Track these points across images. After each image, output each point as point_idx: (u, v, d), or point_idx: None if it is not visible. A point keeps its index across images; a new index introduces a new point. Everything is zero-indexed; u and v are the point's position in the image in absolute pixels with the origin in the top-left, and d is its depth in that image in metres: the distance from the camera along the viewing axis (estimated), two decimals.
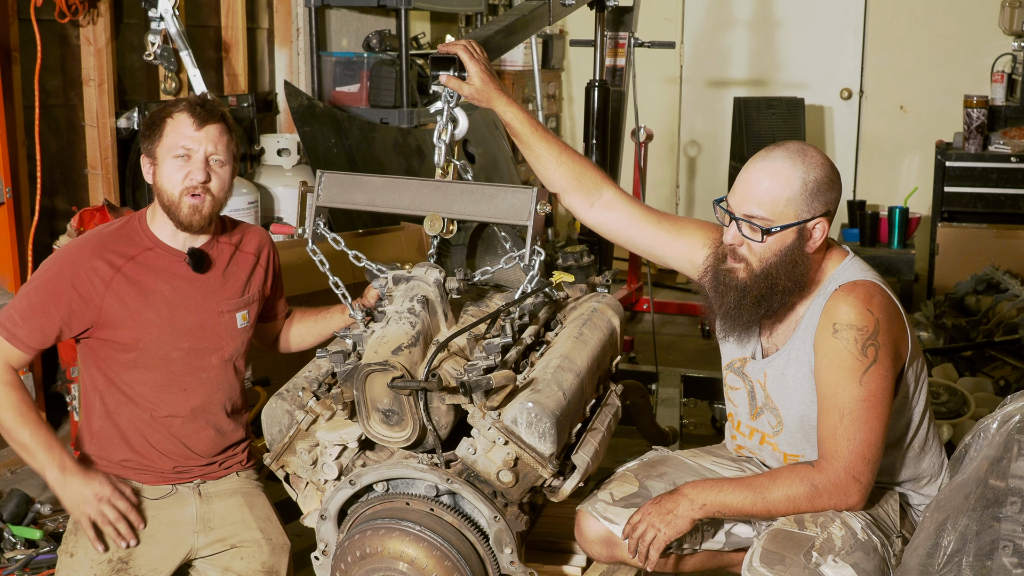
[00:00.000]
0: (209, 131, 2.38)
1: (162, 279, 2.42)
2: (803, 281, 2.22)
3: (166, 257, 2.44)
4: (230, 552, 2.47)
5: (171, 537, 2.43)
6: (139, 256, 2.42)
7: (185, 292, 2.44)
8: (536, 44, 6.43)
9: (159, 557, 2.41)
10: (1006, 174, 5.79)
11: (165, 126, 2.38)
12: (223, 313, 2.49)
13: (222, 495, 2.51)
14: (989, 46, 6.50)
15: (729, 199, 2.24)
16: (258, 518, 2.50)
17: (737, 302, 2.23)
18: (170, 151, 2.37)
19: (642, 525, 2.20)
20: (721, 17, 7.21)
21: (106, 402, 2.44)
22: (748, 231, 2.19)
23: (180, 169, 2.37)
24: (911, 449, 2.33)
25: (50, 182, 4.03)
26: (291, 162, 4.89)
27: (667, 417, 3.95)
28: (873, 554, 2.12)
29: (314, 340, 2.73)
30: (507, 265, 2.39)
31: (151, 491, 2.45)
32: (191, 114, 2.37)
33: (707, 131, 7.35)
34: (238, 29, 4.98)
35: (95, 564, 2.36)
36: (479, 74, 2.42)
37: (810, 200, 2.17)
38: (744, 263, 2.22)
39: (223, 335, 2.49)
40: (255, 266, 2.57)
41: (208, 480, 2.51)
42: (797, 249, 2.19)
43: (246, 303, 2.53)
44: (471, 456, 2.13)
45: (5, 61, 3.78)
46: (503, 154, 5.95)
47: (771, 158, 2.19)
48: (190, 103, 2.39)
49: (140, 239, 2.43)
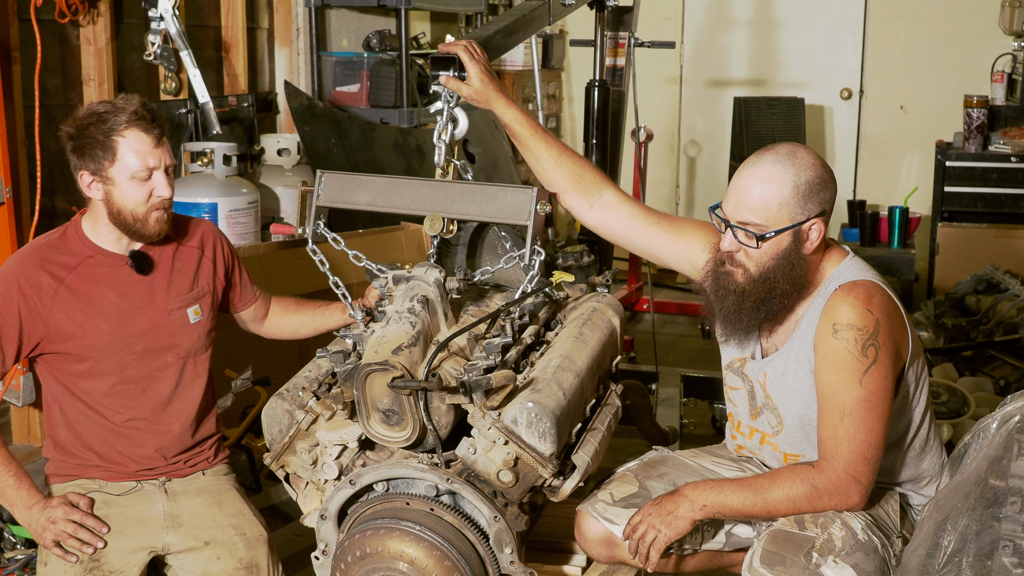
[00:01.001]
0: (164, 142, 2.34)
1: (106, 285, 2.40)
2: (802, 283, 2.22)
3: (107, 263, 2.41)
4: (206, 552, 2.46)
5: (139, 532, 2.43)
6: (80, 266, 2.38)
7: (131, 295, 2.42)
8: (536, 44, 6.43)
9: (129, 550, 2.40)
10: (1006, 174, 5.79)
11: (117, 146, 2.29)
12: (172, 311, 2.47)
13: (189, 494, 2.50)
14: (989, 46, 6.50)
15: (723, 206, 2.23)
16: (228, 515, 2.50)
17: (736, 306, 2.23)
18: (129, 172, 2.30)
19: (642, 526, 2.20)
20: (721, 17, 7.21)
21: (66, 412, 2.44)
22: (744, 237, 2.19)
23: (142, 187, 2.32)
24: (912, 449, 2.33)
25: (50, 182, 4.02)
26: (291, 162, 4.89)
27: (667, 417, 3.95)
28: (873, 554, 2.12)
29: (309, 333, 2.72)
30: (507, 265, 2.40)
31: (114, 487, 2.45)
32: (145, 131, 2.30)
33: (707, 131, 7.35)
34: (238, 29, 4.97)
35: (67, 569, 2.37)
36: (479, 75, 2.41)
37: (803, 202, 2.16)
38: (742, 268, 2.22)
39: (176, 333, 2.47)
40: (201, 259, 2.54)
41: (174, 478, 2.50)
42: (794, 252, 2.19)
43: (196, 297, 2.51)
44: (471, 456, 2.13)
45: (5, 61, 3.77)
46: (503, 154, 5.95)
47: (761, 163, 2.18)
48: (136, 115, 2.30)
49: (79, 248, 2.40)
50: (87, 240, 2.41)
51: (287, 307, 2.75)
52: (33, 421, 3.96)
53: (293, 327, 2.74)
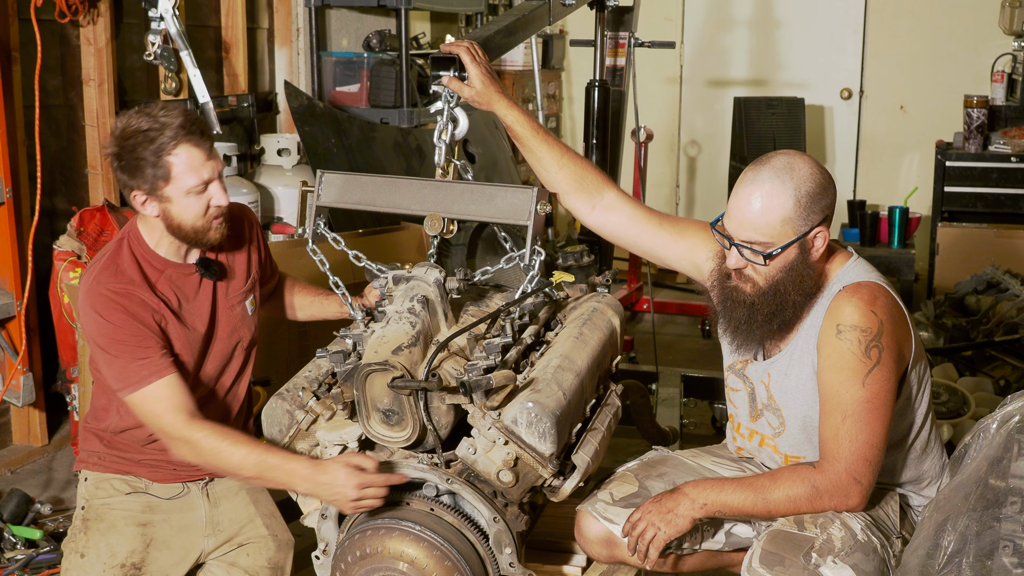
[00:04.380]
0: (213, 152, 2.29)
1: (184, 299, 2.38)
2: (812, 290, 2.21)
3: (178, 276, 2.38)
4: (237, 550, 2.47)
5: (182, 543, 2.43)
6: (158, 282, 2.34)
7: (205, 302, 2.42)
8: (536, 44, 6.43)
9: (171, 564, 2.40)
10: (1006, 174, 5.78)
11: (170, 167, 2.22)
12: (235, 306, 2.48)
13: (228, 494, 2.50)
14: (989, 46, 6.49)
15: (725, 223, 2.21)
16: (263, 514, 2.51)
17: (748, 318, 2.22)
18: (185, 188, 2.24)
19: (642, 524, 2.20)
20: (721, 17, 7.21)
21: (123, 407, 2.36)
22: (750, 255, 2.18)
23: (200, 200, 2.27)
24: (913, 450, 2.33)
25: (50, 182, 4.03)
26: (291, 162, 4.89)
27: (667, 417, 3.95)
28: (873, 555, 2.12)
29: (305, 317, 2.72)
30: (507, 265, 2.39)
31: (161, 490, 2.43)
32: (196, 145, 2.24)
33: (707, 131, 7.35)
34: (238, 29, 4.97)
35: (107, 568, 2.34)
36: (480, 76, 2.41)
37: (806, 214, 2.15)
38: (751, 283, 2.21)
39: (240, 327, 2.49)
40: (249, 249, 2.54)
41: (216, 477, 2.49)
42: (802, 262, 2.18)
43: (250, 288, 2.52)
44: (471, 456, 2.13)
45: (5, 61, 3.77)
46: (503, 154, 5.95)
47: (759, 179, 2.15)
48: (185, 130, 2.23)
49: (151, 264, 2.35)
50: (155, 255, 2.35)
51: (290, 286, 2.74)
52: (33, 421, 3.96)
53: (294, 307, 2.72)
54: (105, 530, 2.37)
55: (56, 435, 4.04)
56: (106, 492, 2.42)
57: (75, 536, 2.40)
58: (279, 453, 2.21)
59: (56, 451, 3.96)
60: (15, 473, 3.79)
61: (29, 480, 3.71)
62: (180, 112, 2.26)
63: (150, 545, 2.39)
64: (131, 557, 2.36)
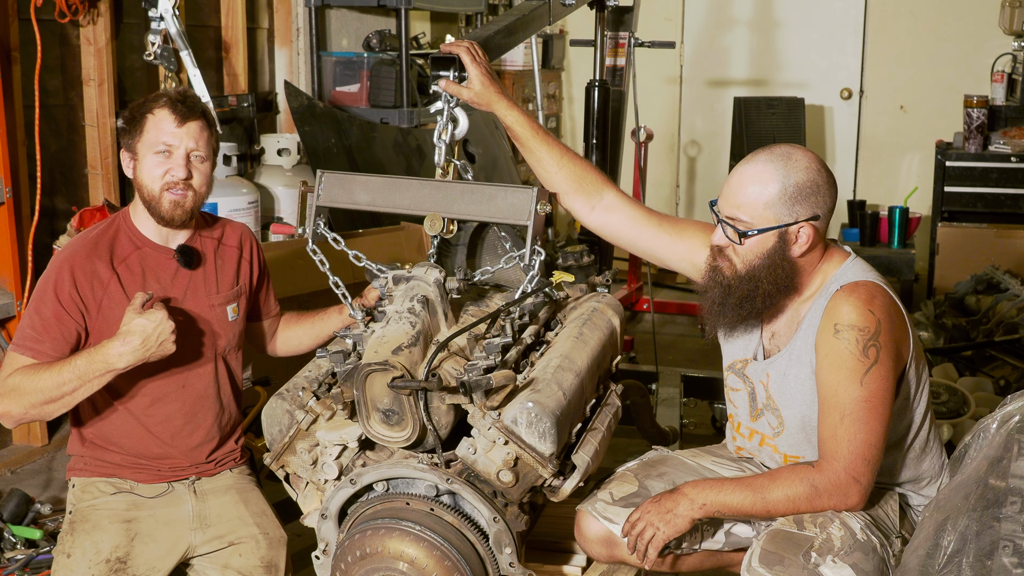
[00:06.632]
0: (190, 127, 2.39)
1: (153, 278, 2.43)
2: (786, 285, 2.22)
3: (155, 256, 2.44)
4: (228, 549, 2.47)
5: (168, 536, 2.43)
6: (130, 258, 2.42)
7: (176, 289, 2.45)
8: (536, 44, 6.43)
9: (157, 556, 2.41)
10: (1006, 174, 5.79)
11: (146, 122, 2.39)
12: (214, 307, 2.50)
13: (217, 492, 2.51)
14: (989, 46, 6.50)
15: (718, 200, 2.26)
16: (254, 513, 2.51)
17: (721, 299, 2.24)
18: (151, 147, 2.38)
19: (641, 523, 2.20)
20: (721, 17, 7.21)
21: (98, 407, 2.43)
22: (731, 233, 2.21)
23: (160, 165, 2.38)
24: (912, 450, 2.33)
25: (50, 182, 4.03)
26: (291, 162, 4.89)
27: (667, 417, 3.95)
28: (872, 554, 2.12)
29: (311, 343, 2.73)
30: (507, 265, 2.40)
31: (147, 490, 2.45)
32: (172, 110, 2.38)
33: (707, 131, 7.35)
34: (238, 29, 4.97)
35: (93, 564, 2.36)
36: (480, 77, 2.42)
37: (791, 204, 2.16)
38: (729, 263, 2.24)
39: (216, 329, 2.50)
40: (240, 259, 2.58)
41: (203, 477, 2.51)
42: (779, 253, 2.19)
43: (235, 296, 2.55)
44: (471, 456, 2.13)
45: (5, 61, 3.78)
46: (503, 154, 5.95)
47: (754, 161, 2.20)
48: (170, 99, 2.39)
49: (129, 239, 2.44)
50: (135, 230, 2.45)
51: (290, 320, 2.77)
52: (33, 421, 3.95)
53: (297, 339, 2.75)
54: (90, 529, 2.39)
55: (56, 435, 4.04)
56: (92, 495, 2.44)
57: (63, 539, 2.42)
58: (82, 352, 2.27)
59: (56, 451, 3.96)
60: (15, 473, 3.79)
61: (29, 480, 3.71)
62: (182, 90, 2.47)
63: (135, 539, 2.40)
64: (115, 552, 2.37)
